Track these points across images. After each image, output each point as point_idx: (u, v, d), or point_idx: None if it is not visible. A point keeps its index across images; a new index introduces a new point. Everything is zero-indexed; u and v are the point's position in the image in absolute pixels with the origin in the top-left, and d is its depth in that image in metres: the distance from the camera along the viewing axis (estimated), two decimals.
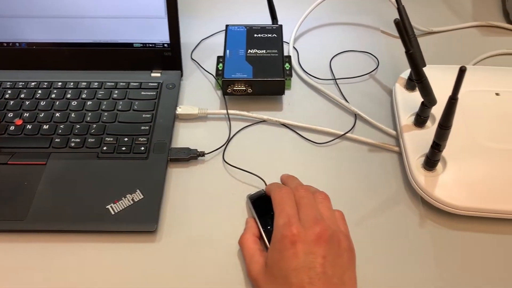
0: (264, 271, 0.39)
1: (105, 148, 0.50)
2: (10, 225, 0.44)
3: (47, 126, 0.52)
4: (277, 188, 0.43)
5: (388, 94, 0.58)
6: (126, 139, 0.51)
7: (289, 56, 0.62)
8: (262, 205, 0.44)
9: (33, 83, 0.57)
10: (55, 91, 0.56)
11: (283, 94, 0.56)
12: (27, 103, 0.55)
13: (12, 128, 0.52)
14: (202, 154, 0.51)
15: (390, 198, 0.48)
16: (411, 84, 0.54)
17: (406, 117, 0.52)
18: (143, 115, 0.54)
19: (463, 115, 0.50)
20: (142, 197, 0.46)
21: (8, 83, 0.57)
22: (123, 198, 0.46)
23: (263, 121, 0.55)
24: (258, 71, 0.55)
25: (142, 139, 0.51)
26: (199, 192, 0.49)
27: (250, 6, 0.70)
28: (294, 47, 0.64)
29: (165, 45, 0.57)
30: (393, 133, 0.53)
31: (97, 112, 0.54)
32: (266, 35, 0.59)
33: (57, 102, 0.55)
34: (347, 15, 0.69)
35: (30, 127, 0.52)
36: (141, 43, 0.57)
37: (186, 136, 0.54)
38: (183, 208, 0.47)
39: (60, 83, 0.57)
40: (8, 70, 0.58)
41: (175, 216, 0.47)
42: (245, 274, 0.42)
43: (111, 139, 0.51)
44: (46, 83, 0.57)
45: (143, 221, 0.45)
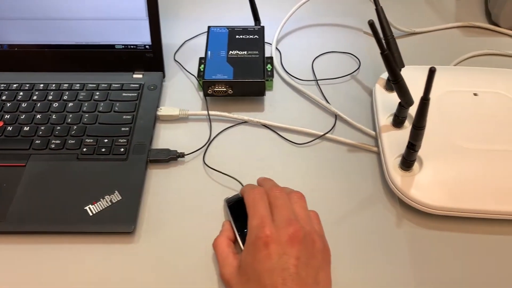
0: (237, 273, 0.39)
1: (85, 149, 0.51)
2: None
3: (28, 128, 0.52)
4: (250, 190, 0.43)
5: (369, 94, 0.59)
6: (106, 140, 0.51)
7: (271, 57, 0.62)
8: (239, 209, 0.44)
9: (14, 85, 0.57)
10: (36, 92, 0.56)
11: (264, 95, 0.56)
12: (8, 105, 0.55)
13: None
14: (182, 155, 0.51)
15: (368, 198, 0.49)
16: (390, 84, 0.54)
17: (385, 118, 0.52)
18: (124, 116, 0.54)
19: (440, 116, 0.51)
20: (120, 198, 0.47)
21: None
22: (101, 199, 0.46)
23: (244, 122, 0.56)
24: (239, 72, 0.55)
25: (122, 141, 0.51)
26: (178, 193, 0.49)
27: (234, 8, 0.71)
28: (276, 48, 0.64)
29: (147, 46, 0.58)
30: (373, 133, 0.54)
31: (78, 114, 0.54)
32: (248, 36, 0.60)
33: (39, 104, 0.55)
34: (330, 16, 0.70)
35: (10, 129, 0.52)
36: (122, 45, 0.58)
37: (167, 137, 0.54)
38: (162, 209, 0.48)
39: (42, 85, 0.57)
40: None
41: (154, 217, 0.47)
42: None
43: (91, 140, 0.51)
44: (28, 85, 0.57)
45: (121, 222, 0.45)
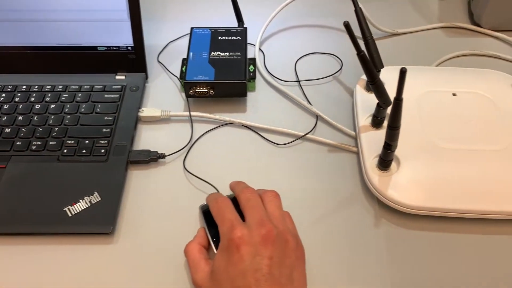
0: (209, 279, 0.39)
1: (65, 151, 0.51)
2: None
3: (9, 129, 0.53)
4: (212, 201, 0.43)
5: (351, 95, 0.59)
6: (87, 141, 0.52)
7: (253, 58, 0.62)
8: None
9: None
10: (19, 94, 0.56)
11: (245, 96, 0.57)
12: None
13: None
14: (162, 156, 0.51)
15: (347, 198, 0.49)
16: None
17: (364, 118, 0.52)
18: (105, 118, 0.54)
19: (419, 116, 0.51)
20: (99, 199, 0.47)
21: None
22: (80, 200, 0.47)
23: (226, 123, 0.56)
24: (220, 73, 0.55)
25: (102, 142, 0.51)
26: (158, 195, 0.49)
27: (219, 9, 0.71)
28: (260, 49, 0.65)
29: (129, 48, 0.58)
30: (353, 133, 0.54)
31: (59, 115, 0.54)
32: (230, 38, 0.60)
33: (21, 105, 0.55)
34: (313, 17, 0.70)
35: None
36: (105, 46, 0.58)
37: (148, 139, 0.54)
38: (141, 210, 0.48)
39: (24, 87, 0.57)
40: None
41: (133, 218, 0.47)
42: None
43: (72, 141, 0.51)
44: (10, 87, 0.57)
45: (100, 223, 0.45)
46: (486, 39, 0.67)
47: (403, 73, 0.36)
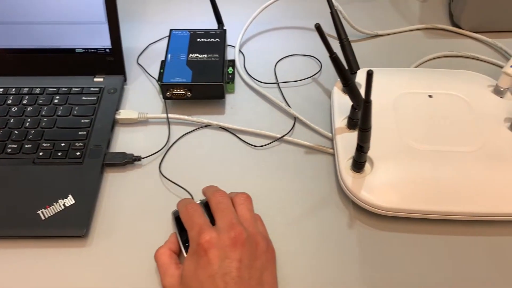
0: (179, 283, 0.39)
1: (41, 153, 0.51)
2: None
3: None
4: (182, 207, 0.43)
5: (329, 97, 0.59)
6: (63, 144, 0.51)
7: (233, 60, 0.62)
8: None
9: None
10: None
11: (223, 98, 0.57)
12: None
13: None
14: (138, 158, 0.51)
15: (322, 200, 0.49)
16: None
17: (340, 120, 0.52)
18: (82, 120, 0.54)
19: (394, 117, 0.51)
20: (73, 202, 0.47)
21: None
22: (54, 203, 0.46)
23: (204, 126, 0.56)
24: (197, 76, 0.55)
25: (78, 144, 0.51)
26: (133, 198, 0.49)
27: (200, 11, 0.71)
28: (240, 51, 0.65)
29: (107, 50, 0.58)
30: (330, 135, 0.54)
31: (36, 118, 0.54)
32: (209, 40, 0.60)
33: None
34: (295, 19, 0.70)
35: None
36: (83, 49, 0.58)
37: (125, 141, 0.54)
38: (116, 213, 0.48)
39: (1, 89, 0.57)
40: None
41: (107, 221, 0.47)
42: None
43: (48, 144, 0.51)
44: None
45: (73, 226, 0.45)
46: (466, 40, 0.67)
47: (369, 76, 0.37)
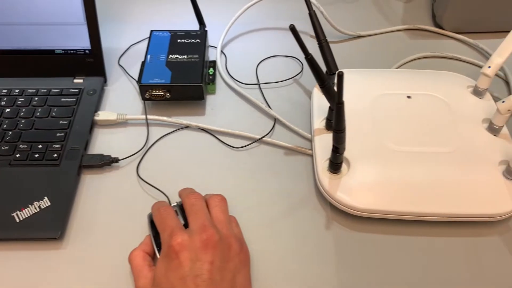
0: (151, 285, 0.39)
1: (18, 155, 0.50)
2: None
3: None
4: (156, 210, 0.43)
5: (310, 98, 0.59)
6: (40, 146, 0.51)
7: (214, 61, 0.62)
8: None
9: None
10: None
11: (203, 99, 0.56)
12: None
13: None
14: (116, 160, 0.51)
15: (300, 201, 0.49)
16: None
17: (319, 121, 0.52)
18: (60, 122, 0.53)
19: (372, 118, 0.51)
20: (49, 204, 0.46)
21: None
22: (30, 205, 0.46)
23: (184, 127, 0.56)
24: (176, 76, 0.55)
25: (56, 146, 0.51)
26: (110, 200, 0.49)
27: (183, 12, 0.70)
28: (222, 52, 0.64)
29: (87, 51, 0.57)
30: (309, 136, 0.54)
31: (14, 120, 0.54)
32: (190, 41, 0.60)
33: None
34: (277, 20, 0.70)
35: None
36: (62, 50, 0.57)
37: (104, 143, 0.54)
38: (92, 215, 0.47)
39: None
40: None
41: (83, 223, 0.47)
42: None
43: (25, 146, 0.51)
44: None
45: (48, 228, 0.45)
46: (448, 41, 0.67)
47: (340, 77, 0.37)
